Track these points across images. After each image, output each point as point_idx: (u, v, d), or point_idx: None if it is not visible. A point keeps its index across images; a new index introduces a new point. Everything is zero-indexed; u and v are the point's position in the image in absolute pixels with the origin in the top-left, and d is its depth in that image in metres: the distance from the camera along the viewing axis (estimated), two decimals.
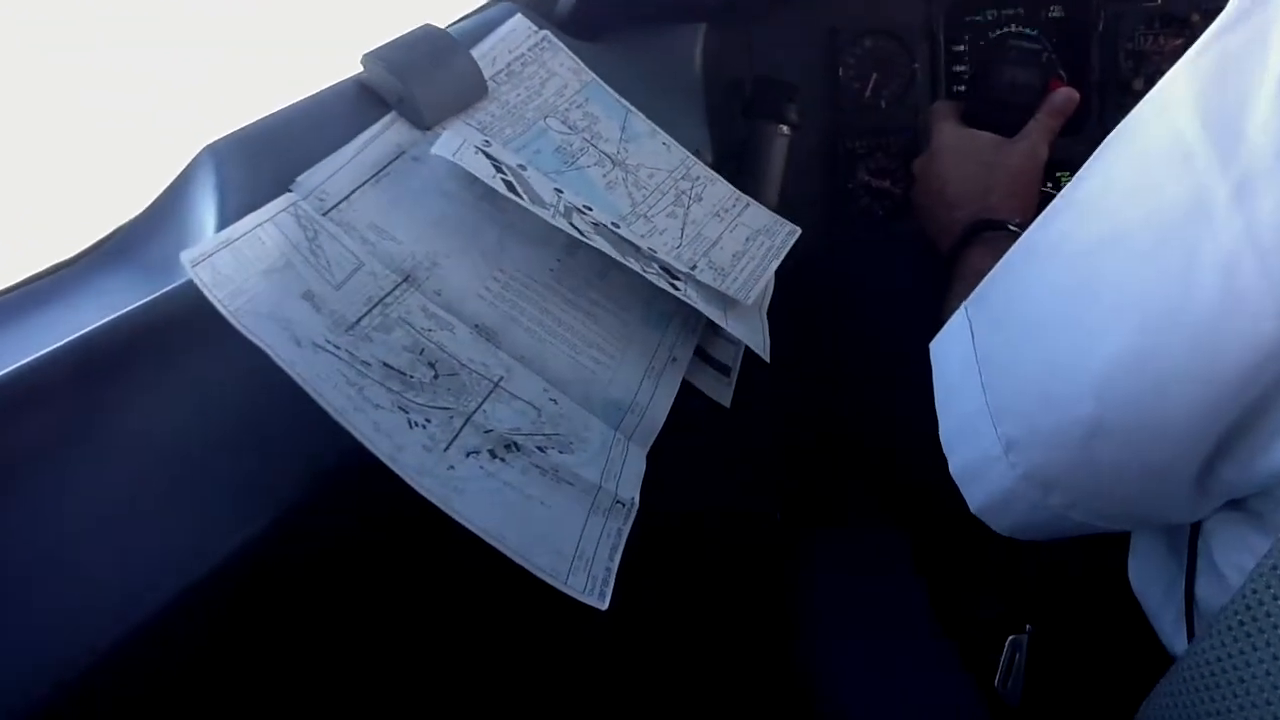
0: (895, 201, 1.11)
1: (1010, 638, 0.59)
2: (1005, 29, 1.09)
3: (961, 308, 0.55)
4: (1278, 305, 0.38)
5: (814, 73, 1.08)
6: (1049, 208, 0.50)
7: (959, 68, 1.10)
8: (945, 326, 0.56)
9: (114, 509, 0.47)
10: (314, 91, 0.64)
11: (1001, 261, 0.53)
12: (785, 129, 0.98)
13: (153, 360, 0.49)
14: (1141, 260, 0.42)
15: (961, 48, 1.10)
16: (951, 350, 0.55)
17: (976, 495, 0.53)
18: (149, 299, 0.49)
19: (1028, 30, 1.08)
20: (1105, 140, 0.47)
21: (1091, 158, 0.48)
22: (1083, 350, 0.45)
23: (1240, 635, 0.40)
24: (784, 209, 0.84)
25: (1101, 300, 0.44)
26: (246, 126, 0.60)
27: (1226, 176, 0.39)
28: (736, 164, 0.99)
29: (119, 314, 0.48)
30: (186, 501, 0.48)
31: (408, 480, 0.49)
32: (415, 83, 0.64)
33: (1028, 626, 0.60)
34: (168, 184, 0.59)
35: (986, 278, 0.54)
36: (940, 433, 0.55)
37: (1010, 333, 0.51)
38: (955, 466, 0.54)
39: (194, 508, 0.49)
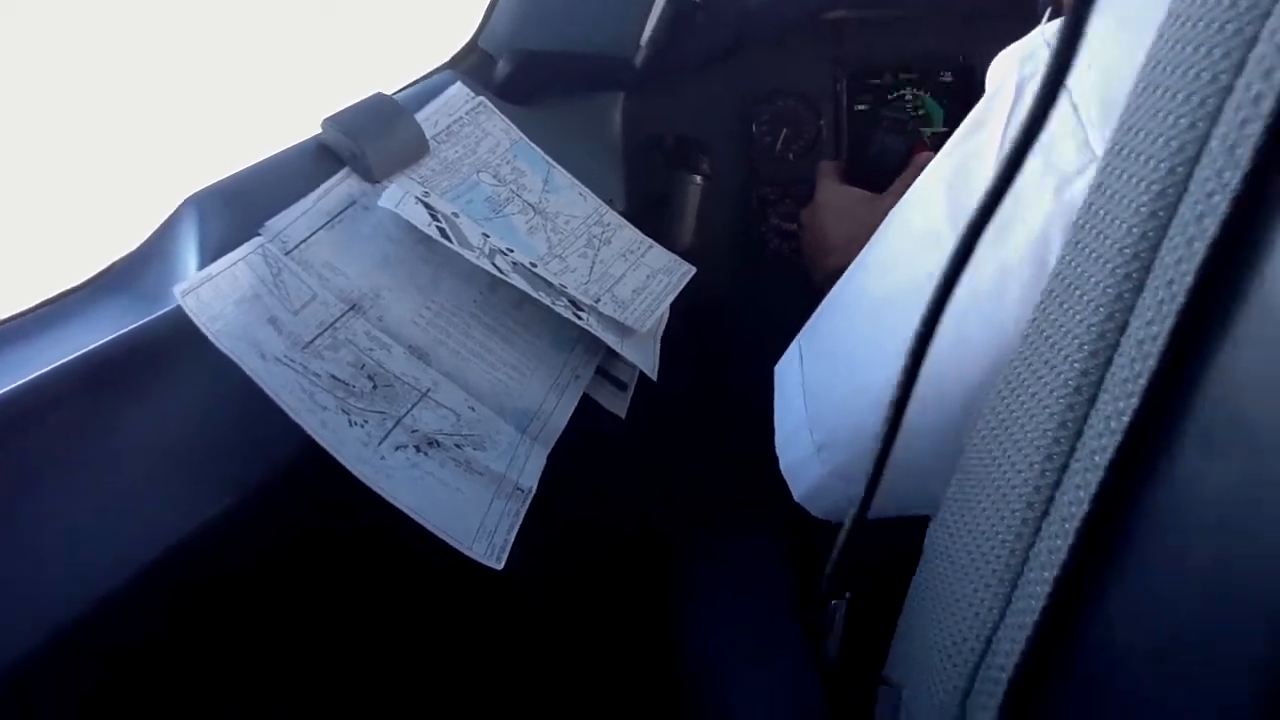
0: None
1: (831, 602, 0.71)
2: (901, 92, 1.24)
3: (796, 339, 0.69)
4: (995, 348, 0.51)
5: (733, 129, 1.23)
6: (854, 263, 0.64)
7: (854, 128, 1.24)
8: (785, 354, 0.70)
9: (111, 491, 0.60)
10: (279, 150, 0.78)
11: (823, 303, 0.67)
12: (698, 179, 1.12)
13: (148, 371, 0.62)
14: (907, 314, 0.56)
15: (864, 107, 1.25)
16: (787, 373, 0.68)
17: (798, 487, 0.66)
18: (143, 322, 0.62)
19: (909, 94, 1.23)
20: (891, 212, 0.61)
21: (882, 226, 0.62)
22: (871, 379, 0.58)
23: None
24: (702, 250, 0.97)
25: (883, 342, 0.58)
26: (222, 180, 0.73)
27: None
28: (656, 210, 1.13)
29: (119, 334, 0.61)
30: (171, 484, 0.61)
31: (348, 466, 0.62)
32: (366, 143, 0.77)
33: (846, 594, 0.72)
34: (156, 227, 0.72)
35: (813, 315, 0.68)
36: (775, 439, 0.68)
37: (825, 361, 0.64)
38: (784, 464, 0.67)
39: (176, 489, 0.61)
